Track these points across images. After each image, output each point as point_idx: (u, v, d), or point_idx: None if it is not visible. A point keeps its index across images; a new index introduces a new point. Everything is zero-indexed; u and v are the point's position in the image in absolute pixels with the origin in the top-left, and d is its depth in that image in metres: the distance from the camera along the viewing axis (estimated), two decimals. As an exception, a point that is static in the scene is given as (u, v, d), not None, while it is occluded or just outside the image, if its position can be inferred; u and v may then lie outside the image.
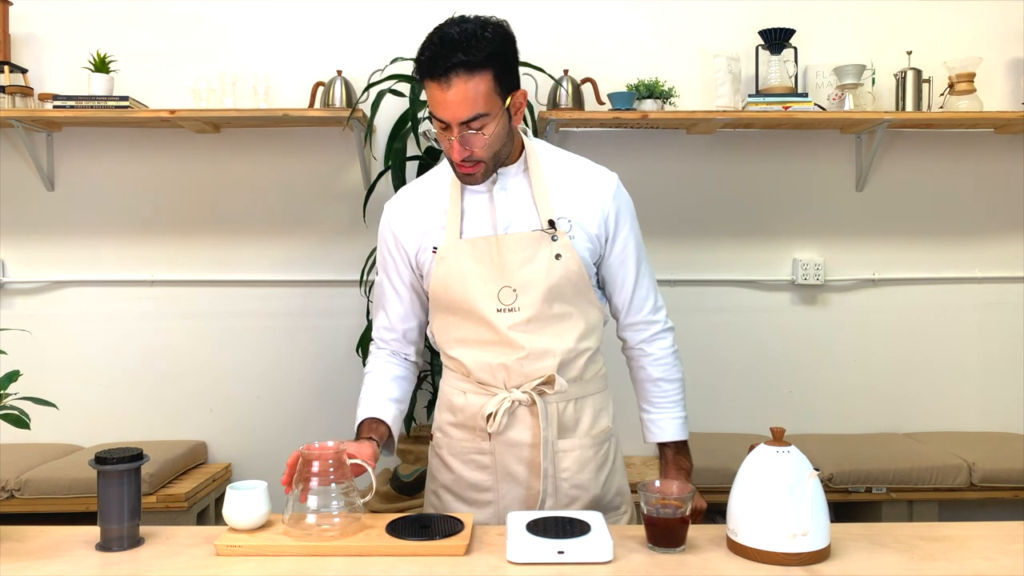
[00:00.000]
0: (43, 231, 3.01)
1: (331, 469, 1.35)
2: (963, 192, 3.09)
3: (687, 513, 1.32)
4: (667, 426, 1.63)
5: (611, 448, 1.62)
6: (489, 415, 1.51)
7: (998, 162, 3.08)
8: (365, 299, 2.84)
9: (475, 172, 1.46)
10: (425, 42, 1.41)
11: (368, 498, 1.42)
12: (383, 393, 1.58)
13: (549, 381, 1.50)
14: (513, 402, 1.51)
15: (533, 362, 1.50)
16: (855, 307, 3.10)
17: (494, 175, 1.51)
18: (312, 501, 1.34)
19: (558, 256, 1.49)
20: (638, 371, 1.65)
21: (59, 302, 3.02)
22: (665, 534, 1.31)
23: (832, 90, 2.87)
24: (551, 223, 1.50)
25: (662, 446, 1.65)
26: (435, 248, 1.52)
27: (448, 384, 1.61)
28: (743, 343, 3.08)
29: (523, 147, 1.55)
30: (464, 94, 1.37)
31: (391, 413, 1.56)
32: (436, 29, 1.42)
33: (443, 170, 1.59)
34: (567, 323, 1.52)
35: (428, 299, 1.60)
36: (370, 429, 1.53)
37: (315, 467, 1.35)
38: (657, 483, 1.34)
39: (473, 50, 1.36)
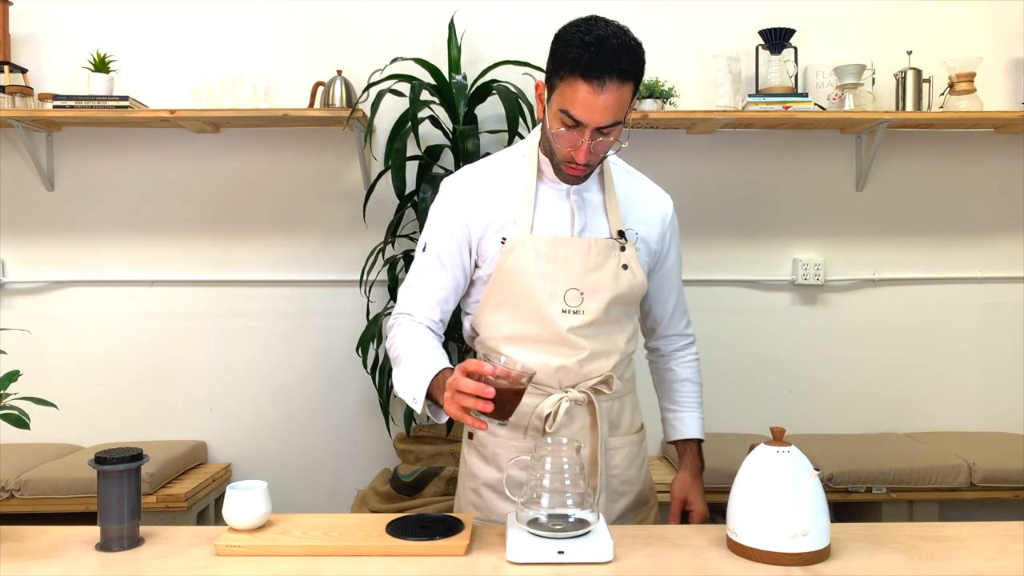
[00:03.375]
0: (43, 231, 3.01)
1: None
2: (963, 192, 3.09)
3: (522, 388, 1.29)
4: (691, 423, 1.73)
5: (646, 444, 1.70)
6: (547, 415, 1.51)
7: (998, 162, 3.09)
8: (365, 299, 2.84)
9: (583, 173, 1.48)
10: (571, 39, 1.37)
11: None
12: (441, 353, 1.49)
13: (606, 381, 1.54)
14: (570, 401, 1.52)
15: (591, 363, 1.53)
16: (855, 307, 3.10)
17: None
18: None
19: (625, 266, 1.53)
20: (666, 373, 1.75)
21: (59, 302, 3.02)
22: (497, 403, 1.26)
23: (832, 90, 2.88)
24: (621, 233, 1.54)
25: (683, 444, 1.72)
26: (503, 239, 1.50)
27: None
28: (743, 343, 3.08)
29: None
30: (613, 100, 1.37)
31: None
32: (582, 29, 1.38)
33: (517, 157, 1.57)
34: (620, 326, 1.57)
35: (472, 288, 1.57)
36: None
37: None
38: (503, 359, 1.34)
39: (629, 60, 1.37)
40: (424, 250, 1.56)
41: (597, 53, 1.35)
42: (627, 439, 1.62)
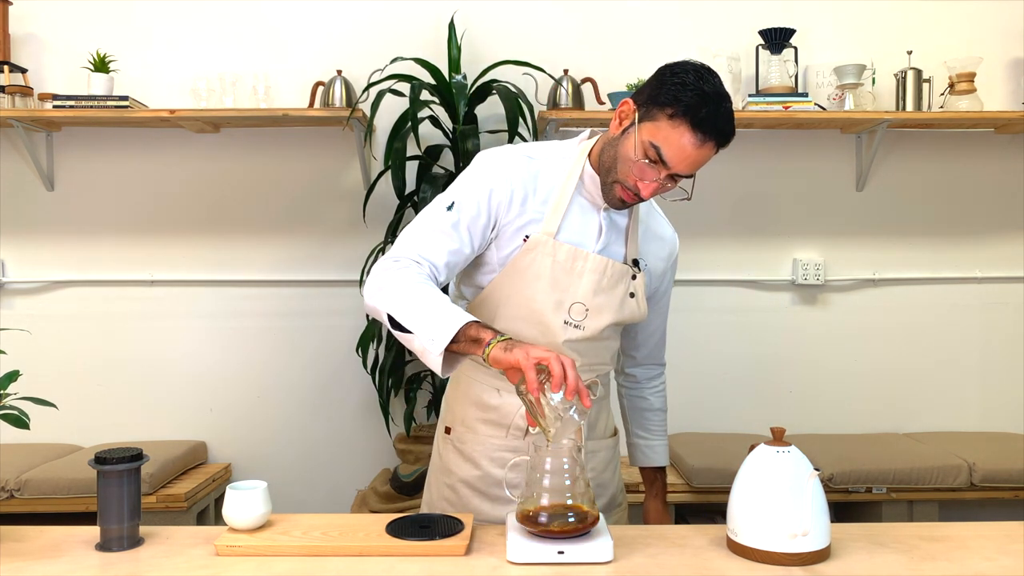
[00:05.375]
0: (43, 231, 3.01)
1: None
2: (963, 192, 3.09)
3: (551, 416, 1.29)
4: (661, 451, 1.76)
5: (619, 448, 1.72)
6: None
7: (998, 162, 3.08)
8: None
9: (634, 203, 1.49)
10: (694, 87, 1.35)
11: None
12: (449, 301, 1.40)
13: (590, 386, 1.53)
14: None
15: (580, 372, 1.51)
16: (855, 307, 3.10)
17: None
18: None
19: (632, 295, 1.54)
20: (640, 400, 1.77)
21: (59, 302, 3.01)
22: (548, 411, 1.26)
23: (832, 90, 2.87)
24: (635, 262, 1.55)
25: (652, 471, 1.76)
26: (526, 237, 1.48)
27: (477, 380, 1.57)
28: (743, 343, 3.08)
29: None
30: (704, 157, 1.40)
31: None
32: (701, 75, 1.37)
33: (560, 157, 1.54)
34: (609, 343, 1.60)
35: (473, 269, 1.55)
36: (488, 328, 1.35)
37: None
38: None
39: (732, 129, 1.40)
40: (450, 208, 1.47)
41: (715, 110, 1.36)
42: (603, 443, 1.64)
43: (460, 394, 1.61)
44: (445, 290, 1.64)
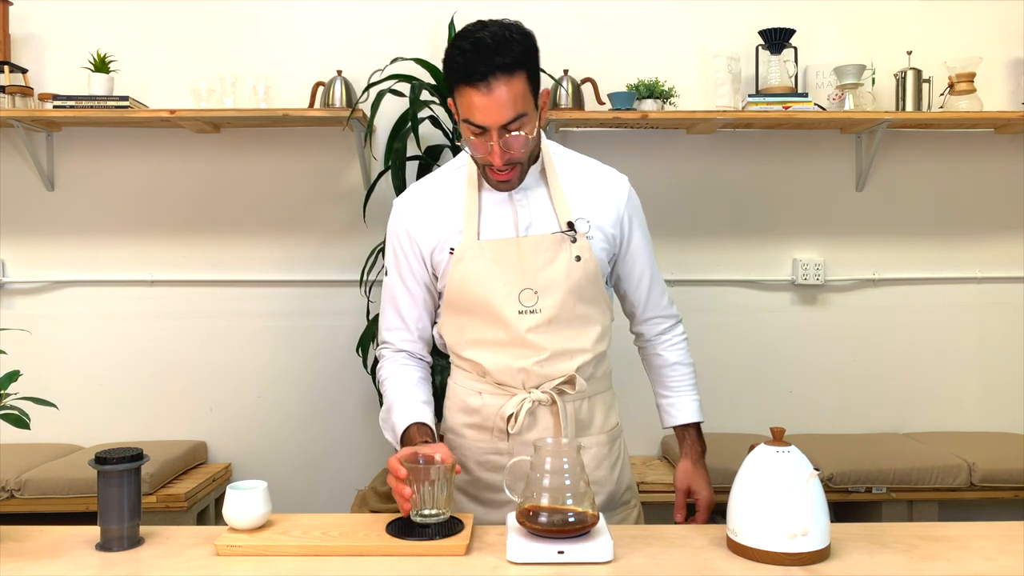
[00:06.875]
0: (43, 231, 3.01)
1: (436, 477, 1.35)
2: (963, 192, 3.09)
3: (434, 480, 1.35)
4: (685, 407, 1.70)
5: (621, 444, 1.67)
6: (509, 416, 1.51)
7: (998, 162, 3.08)
8: (365, 299, 2.84)
9: (511, 177, 1.47)
10: (454, 50, 1.40)
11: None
12: (415, 397, 1.55)
13: (569, 381, 1.53)
14: (533, 402, 1.52)
15: (553, 363, 1.51)
16: (855, 307, 3.10)
17: None
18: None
19: (578, 258, 1.51)
20: (654, 358, 1.71)
21: (59, 302, 3.02)
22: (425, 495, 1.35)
23: (832, 90, 2.87)
24: (570, 225, 1.52)
25: (681, 430, 1.70)
26: (452, 249, 1.51)
27: (461, 385, 1.60)
28: (743, 343, 3.08)
29: (539, 148, 1.56)
30: (505, 96, 1.37)
31: (430, 417, 1.54)
32: (461, 36, 1.42)
33: (454, 169, 1.60)
34: (587, 325, 1.55)
35: (439, 299, 1.60)
36: (422, 433, 1.48)
37: (431, 474, 1.34)
38: (421, 459, 1.36)
39: (508, 52, 1.38)
40: (387, 274, 1.61)
41: (474, 56, 1.37)
42: (595, 439, 1.60)
43: (450, 401, 1.64)
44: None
